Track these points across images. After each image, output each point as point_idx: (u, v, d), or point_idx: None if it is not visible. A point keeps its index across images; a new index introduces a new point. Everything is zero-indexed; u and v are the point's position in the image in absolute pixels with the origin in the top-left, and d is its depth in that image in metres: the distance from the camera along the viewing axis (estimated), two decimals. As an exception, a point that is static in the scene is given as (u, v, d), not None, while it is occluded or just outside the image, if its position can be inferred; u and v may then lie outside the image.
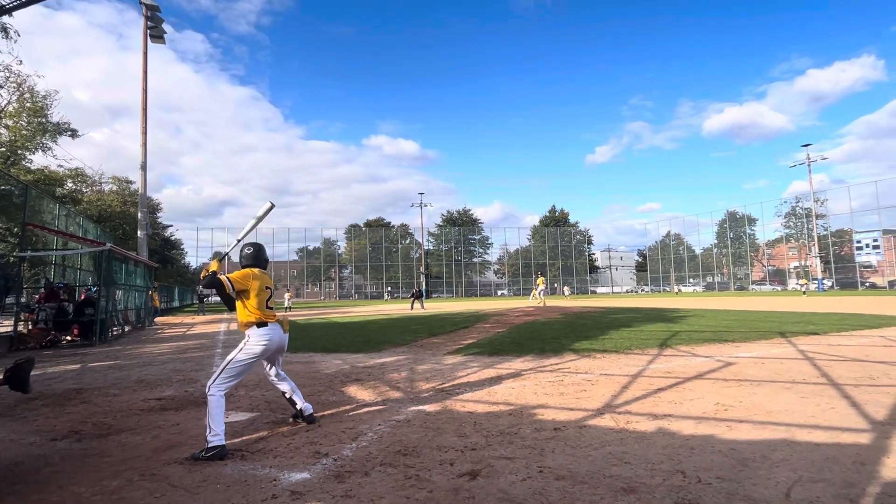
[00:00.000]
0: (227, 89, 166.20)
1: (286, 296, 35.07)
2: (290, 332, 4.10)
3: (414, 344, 9.72)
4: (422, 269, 69.48)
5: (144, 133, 24.36)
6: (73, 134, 28.92)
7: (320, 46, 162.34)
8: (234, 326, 17.27)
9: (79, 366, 8.17)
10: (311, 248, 77.64)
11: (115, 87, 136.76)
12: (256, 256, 3.95)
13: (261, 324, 3.71)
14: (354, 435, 3.71)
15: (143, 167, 24.41)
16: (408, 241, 79.57)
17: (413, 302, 29.20)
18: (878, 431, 3.45)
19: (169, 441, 3.71)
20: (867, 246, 62.55)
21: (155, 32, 25.53)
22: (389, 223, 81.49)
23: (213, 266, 3.75)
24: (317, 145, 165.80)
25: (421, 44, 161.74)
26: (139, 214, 25.03)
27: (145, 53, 24.99)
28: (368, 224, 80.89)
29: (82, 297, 13.68)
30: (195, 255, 71.15)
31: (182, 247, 70.88)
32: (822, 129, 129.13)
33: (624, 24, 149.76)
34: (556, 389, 5.18)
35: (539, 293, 22.81)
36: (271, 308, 3.88)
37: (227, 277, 3.67)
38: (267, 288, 3.85)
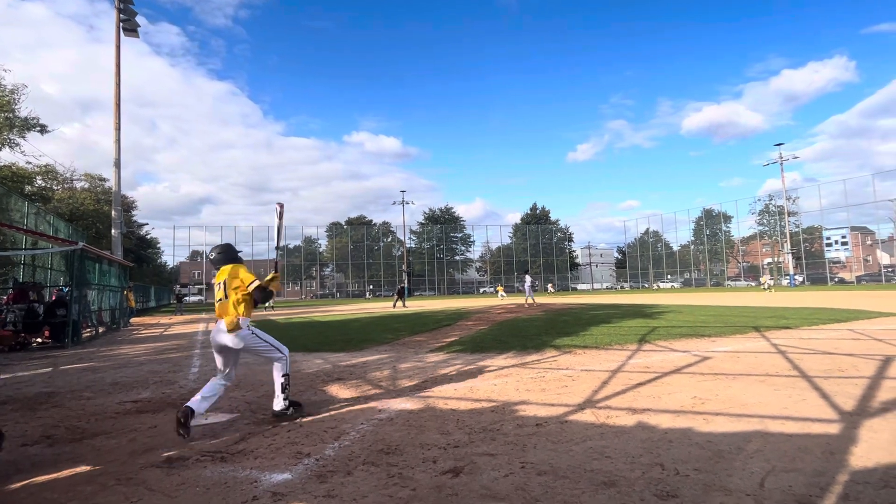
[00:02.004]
0: (204, 84, 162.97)
1: None
2: (269, 331, 4.07)
3: (396, 342, 9.70)
4: (404, 268, 69.28)
5: (118, 129, 23.74)
6: (42, 129, 28.07)
7: (300, 41, 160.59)
8: (212, 326, 16.98)
9: (50, 369, 7.94)
10: (291, 246, 76.82)
11: (86, 81, 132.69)
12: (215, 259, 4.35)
13: None
14: (337, 434, 3.68)
15: (117, 164, 23.79)
16: (390, 239, 79.33)
17: (396, 300, 29.18)
18: (847, 422, 3.58)
19: (146, 444, 3.63)
20: (836, 242, 64.61)
21: (128, 25, 24.85)
22: (371, 221, 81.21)
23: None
24: (297, 142, 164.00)
25: (402, 40, 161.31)
26: (113, 212, 24.40)
27: (118, 46, 24.33)
28: (350, 222, 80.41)
29: (53, 298, 13.28)
30: (172, 254, 69.82)
31: (158, 245, 69.42)
32: (795, 128, 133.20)
33: (604, 24, 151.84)
34: (538, 385, 5.23)
35: (528, 291, 22.29)
36: (214, 304, 4.15)
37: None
38: (218, 285, 4.17)
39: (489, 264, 78.72)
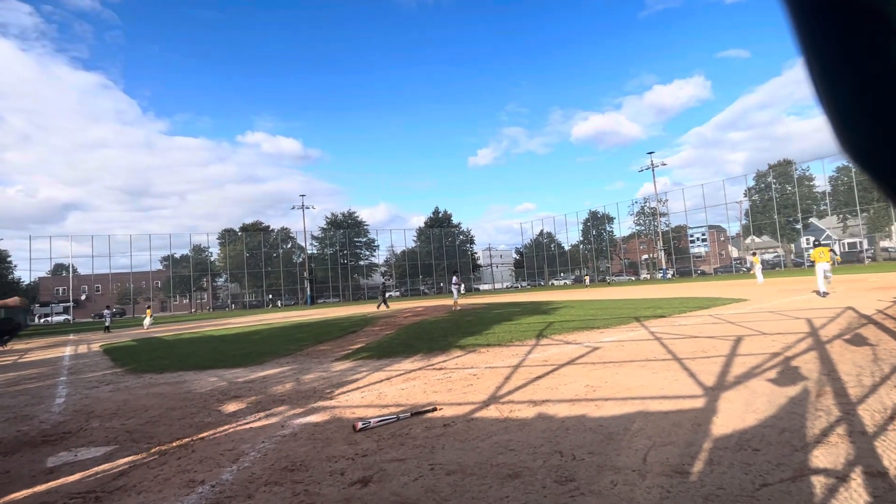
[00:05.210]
0: (66, 74, 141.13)
1: (105, 313, 28.86)
2: (154, 349, 3.70)
3: (299, 353, 9.29)
4: (305, 275, 66.62)
5: (-51, 122, 20.03)
6: None
7: (182, 31, 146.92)
8: (81, 349, 14.98)
9: None
10: (177, 255, 70.25)
11: None
12: None
13: None
14: (235, 456, 3.44)
15: (-51, 164, 20.06)
16: (289, 246, 75.86)
17: (381, 302, 28.24)
18: (710, 396, 4.11)
19: (-4, 493, 3.10)
20: (698, 239, 73.94)
21: (-39, 1, 21.07)
22: (269, 227, 76.91)
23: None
24: (183, 142, 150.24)
25: (298, 37, 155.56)
26: (-56, 221, 20.50)
27: (-52, 26, 20.55)
28: (245, 228, 75.46)
29: None
30: (28, 268, 60.39)
31: (9, 259, 59.67)
32: (665, 138, 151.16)
33: (498, 32, 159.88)
34: (445, 386, 5.32)
35: (455, 293, 21.98)
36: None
37: None
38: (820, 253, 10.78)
39: (394, 268, 78.47)
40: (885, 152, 0.44)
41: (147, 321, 28.60)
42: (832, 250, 14.11)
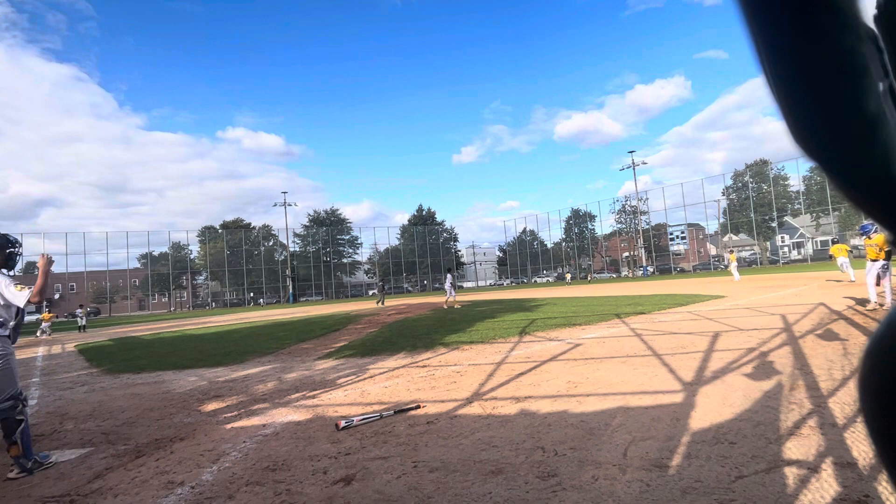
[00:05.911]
0: (38, 65, 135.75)
1: (79, 312, 25.55)
2: (132, 349, 3.62)
3: (281, 352, 9.20)
4: (287, 272, 65.92)
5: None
6: None
7: (160, 24, 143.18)
8: (55, 350, 14.59)
9: None
10: (156, 253, 68.71)
11: None
12: None
13: None
14: (215, 457, 3.40)
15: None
16: (271, 243, 74.88)
17: (379, 298, 28.03)
18: (688, 391, 4.19)
19: (-35, 498, 3.01)
20: (677, 237, 75.35)
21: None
22: (250, 224, 75.84)
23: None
24: (161, 137, 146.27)
25: (280, 30, 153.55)
26: None
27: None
28: (225, 225, 74.31)
29: None
30: (-3, 267, 58.40)
31: (-23, 257, 57.58)
32: (646, 137, 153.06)
33: (483, 30, 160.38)
34: (428, 384, 5.33)
35: (449, 290, 21.52)
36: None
37: None
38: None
39: (378, 266, 78.09)
40: (833, 143, 0.45)
41: (44, 326, 22.81)
42: (849, 250, 17.89)
